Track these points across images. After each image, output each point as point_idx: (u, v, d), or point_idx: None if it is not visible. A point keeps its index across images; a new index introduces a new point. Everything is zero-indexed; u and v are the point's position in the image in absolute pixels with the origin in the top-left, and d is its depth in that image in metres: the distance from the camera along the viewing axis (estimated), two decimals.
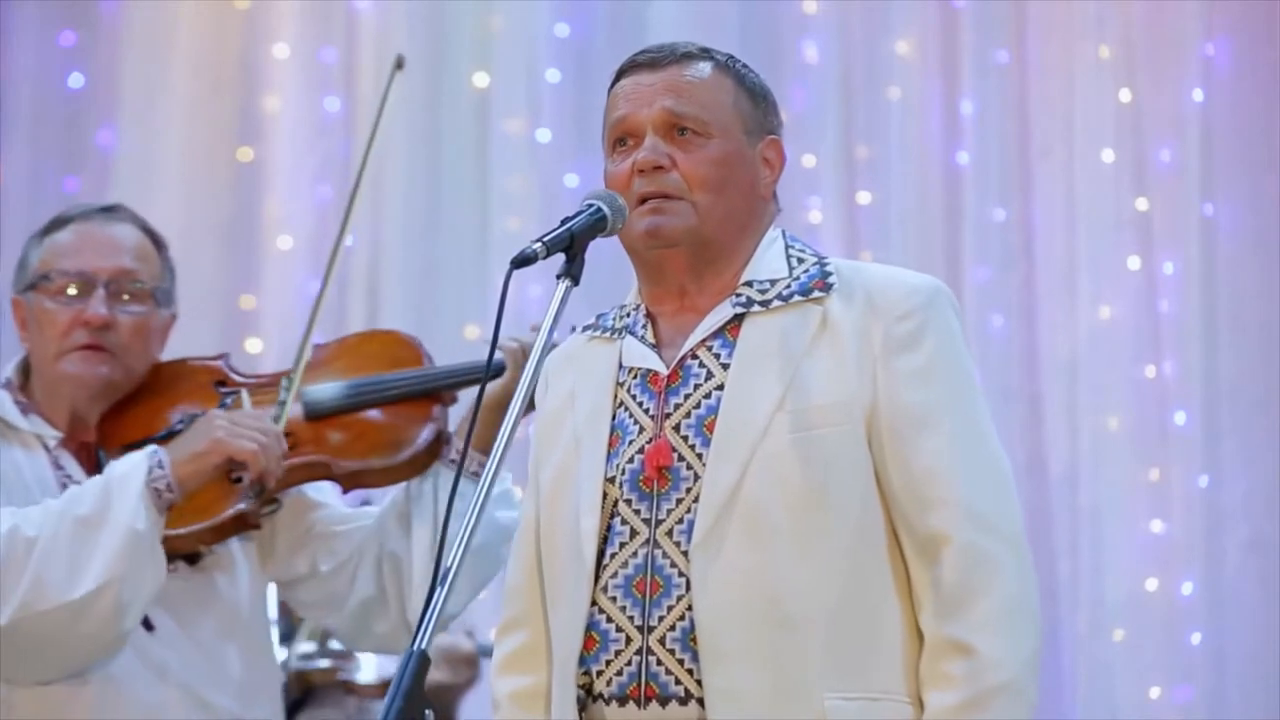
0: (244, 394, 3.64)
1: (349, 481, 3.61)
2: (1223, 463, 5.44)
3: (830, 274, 2.82)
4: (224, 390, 3.67)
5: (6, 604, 3.36)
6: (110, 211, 3.72)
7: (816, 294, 2.79)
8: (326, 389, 3.65)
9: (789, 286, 2.80)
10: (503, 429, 2.60)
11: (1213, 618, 5.39)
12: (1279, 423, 5.40)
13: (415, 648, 2.42)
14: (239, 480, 3.49)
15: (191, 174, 5.78)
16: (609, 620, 2.73)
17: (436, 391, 3.64)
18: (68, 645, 3.40)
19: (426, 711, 2.40)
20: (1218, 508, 5.42)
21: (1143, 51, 5.58)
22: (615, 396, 2.82)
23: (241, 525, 3.52)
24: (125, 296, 3.61)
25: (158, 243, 3.71)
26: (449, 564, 2.48)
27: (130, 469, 3.42)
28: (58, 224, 3.70)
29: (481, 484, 2.56)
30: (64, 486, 3.52)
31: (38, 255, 3.66)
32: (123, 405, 3.64)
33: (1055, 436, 5.52)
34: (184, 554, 3.53)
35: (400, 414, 3.64)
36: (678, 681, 2.69)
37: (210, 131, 5.87)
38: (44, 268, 3.64)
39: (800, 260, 2.84)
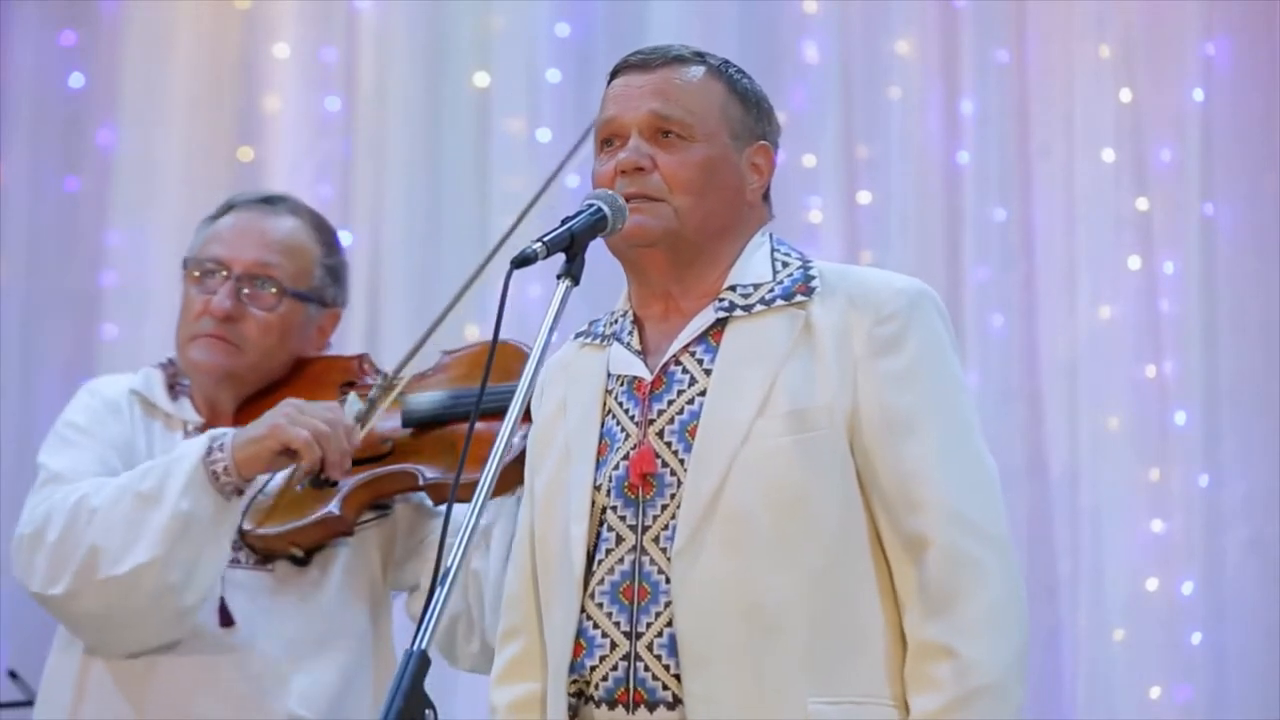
0: (351, 395, 3.58)
1: (434, 494, 3.53)
2: (1223, 463, 5.44)
3: (814, 278, 2.82)
4: (344, 390, 3.62)
5: (65, 573, 3.38)
6: (270, 202, 3.69)
7: (799, 298, 2.80)
8: (426, 398, 3.58)
9: (772, 290, 2.81)
10: (501, 433, 2.61)
11: (1213, 618, 5.38)
12: (1279, 423, 5.40)
13: (415, 648, 2.42)
14: (331, 483, 3.46)
15: (191, 174, 5.78)
16: (595, 626, 2.73)
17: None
18: (125, 619, 3.40)
19: (427, 711, 2.40)
20: (1218, 508, 5.42)
21: (1143, 51, 5.57)
22: (604, 404, 2.83)
23: (330, 530, 3.49)
24: (257, 292, 3.59)
25: (322, 238, 3.67)
26: (449, 564, 2.48)
27: (189, 450, 3.40)
28: (223, 209, 3.70)
29: (481, 485, 2.56)
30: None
31: (199, 239, 3.69)
32: (260, 396, 3.62)
33: (1055, 436, 5.52)
34: (280, 554, 3.51)
35: (490, 428, 3.55)
36: (665, 687, 2.70)
37: (210, 131, 5.87)
38: (196, 252, 3.66)
39: (785, 264, 2.85)
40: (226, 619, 3.47)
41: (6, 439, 5.60)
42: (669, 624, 2.70)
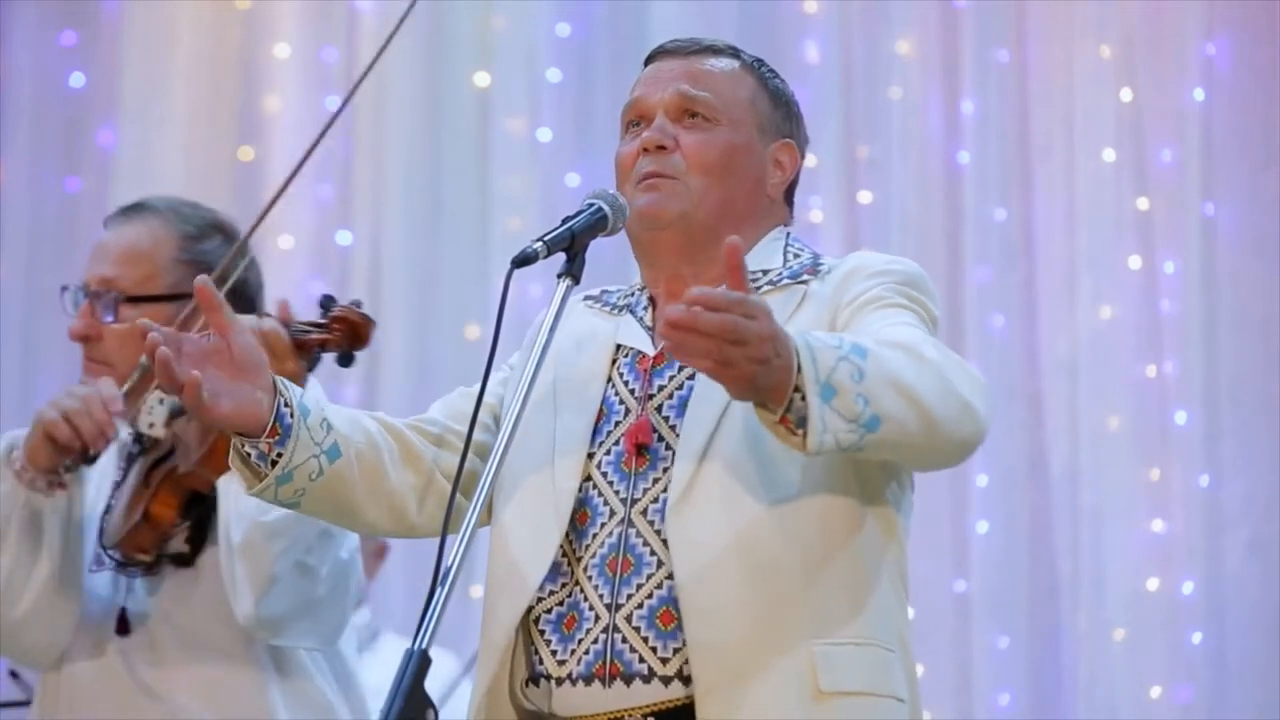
0: (154, 394, 3.50)
1: (198, 482, 3.48)
2: (1223, 462, 5.44)
3: (822, 264, 2.85)
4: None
5: None
6: (126, 212, 3.66)
7: (805, 278, 2.82)
8: None
9: (780, 274, 2.82)
10: (502, 431, 2.60)
11: (1213, 618, 5.38)
12: (1279, 422, 5.40)
13: (415, 647, 2.42)
14: (147, 485, 3.46)
15: (191, 174, 5.78)
16: (585, 599, 2.73)
17: None
18: None
19: (427, 711, 2.40)
20: (1218, 507, 5.42)
21: (1143, 51, 5.57)
22: (608, 374, 2.83)
23: (151, 532, 3.46)
24: (104, 305, 3.56)
25: (186, 230, 3.61)
26: (449, 563, 2.48)
27: None
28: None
29: (482, 483, 2.56)
30: (116, 486, 3.54)
31: None
32: None
33: (1055, 436, 5.52)
34: (137, 557, 3.52)
35: None
36: (641, 660, 2.69)
37: (210, 131, 5.87)
38: None
39: (796, 255, 2.87)
40: (123, 627, 3.50)
41: None
42: (650, 596, 2.70)
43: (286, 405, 2.73)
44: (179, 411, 3.46)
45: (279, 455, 2.73)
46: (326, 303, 3.20)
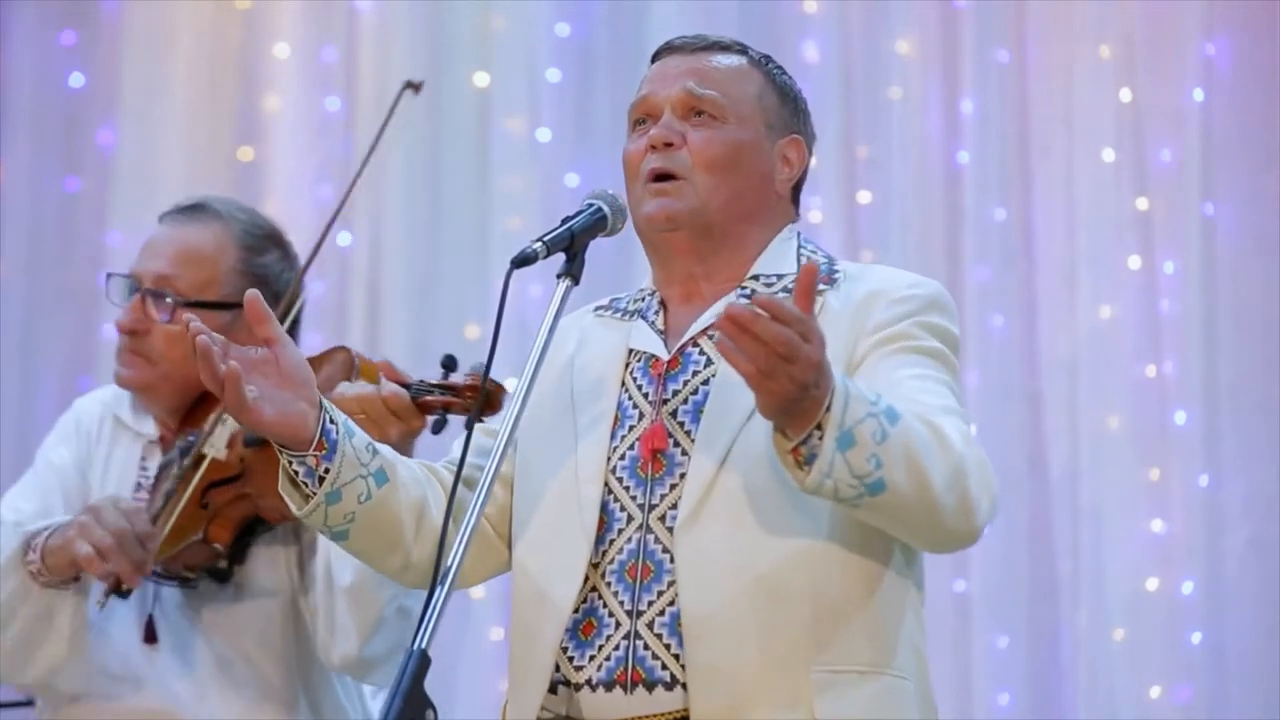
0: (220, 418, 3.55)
1: (269, 515, 3.49)
2: (1223, 462, 5.44)
3: (838, 271, 2.85)
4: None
5: None
6: (187, 211, 3.66)
7: (821, 287, 2.81)
8: None
9: (795, 280, 2.82)
10: (501, 432, 2.61)
11: (1213, 617, 5.38)
12: (1279, 423, 5.40)
13: (415, 647, 2.42)
14: (204, 505, 3.45)
15: (191, 174, 5.78)
16: (605, 605, 2.73)
17: None
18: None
19: (427, 712, 2.40)
20: (1218, 507, 5.42)
21: (1143, 51, 5.57)
22: (621, 378, 2.83)
23: (204, 554, 3.47)
24: (159, 304, 3.57)
25: (247, 242, 3.62)
26: (449, 563, 2.49)
27: (6, 548, 3.44)
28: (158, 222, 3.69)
29: (480, 488, 2.57)
30: (139, 485, 3.54)
31: None
32: (197, 403, 3.59)
33: (1055, 436, 5.52)
34: (181, 572, 3.51)
35: None
36: (664, 666, 2.69)
37: (210, 131, 5.87)
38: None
39: (810, 258, 2.87)
40: (150, 636, 3.49)
41: (6, 439, 5.61)
42: (671, 603, 2.70)
43: (332, 422, 2.74)
44: (252, 441, 3.45)
45: (326, 471, 2.73)
46: (449, 363, 3.24)
